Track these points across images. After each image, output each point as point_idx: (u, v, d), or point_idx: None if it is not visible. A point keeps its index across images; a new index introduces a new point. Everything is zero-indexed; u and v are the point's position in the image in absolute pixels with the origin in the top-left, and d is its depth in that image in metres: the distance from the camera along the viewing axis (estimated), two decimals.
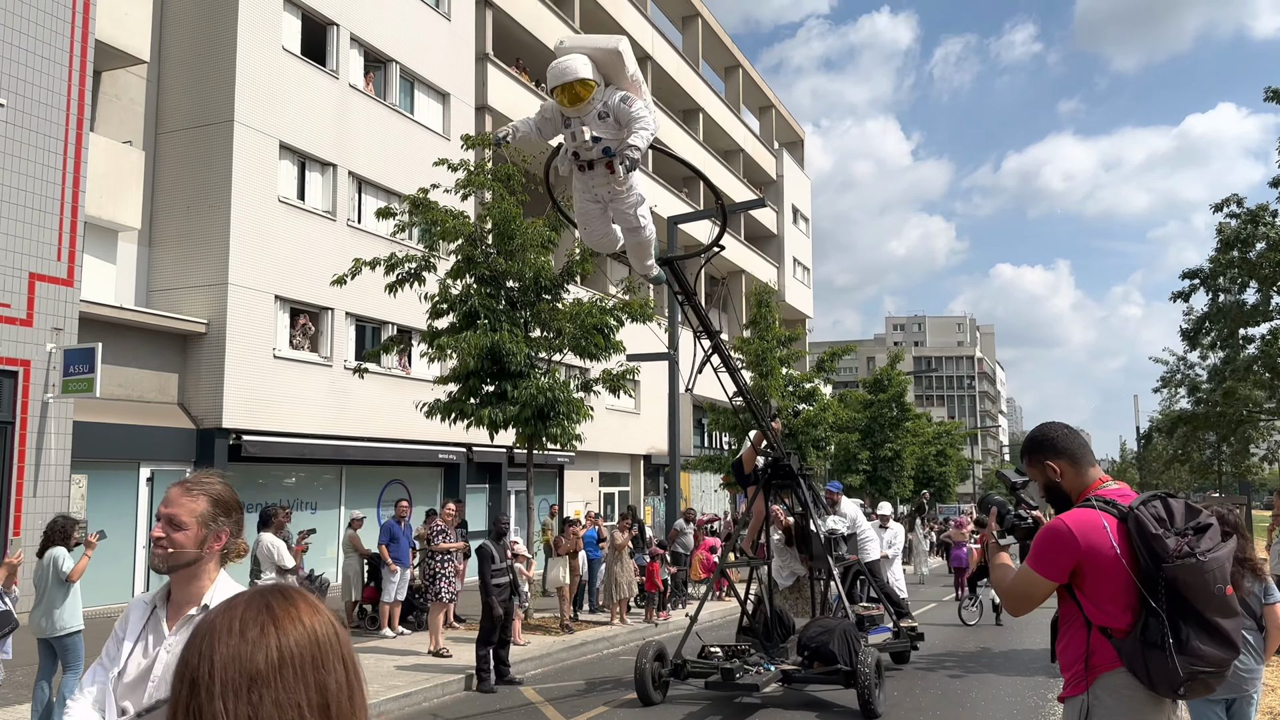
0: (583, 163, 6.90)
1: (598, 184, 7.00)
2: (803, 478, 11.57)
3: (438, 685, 10.90)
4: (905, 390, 39.56)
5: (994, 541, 3.68)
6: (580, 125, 6.74)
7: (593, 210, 7.22)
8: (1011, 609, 3.48)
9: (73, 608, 8.02)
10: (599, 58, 6.77)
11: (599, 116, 6.67)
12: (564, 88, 6.63)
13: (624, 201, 7.11)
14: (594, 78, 6.64)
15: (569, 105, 6.67)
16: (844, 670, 9.72)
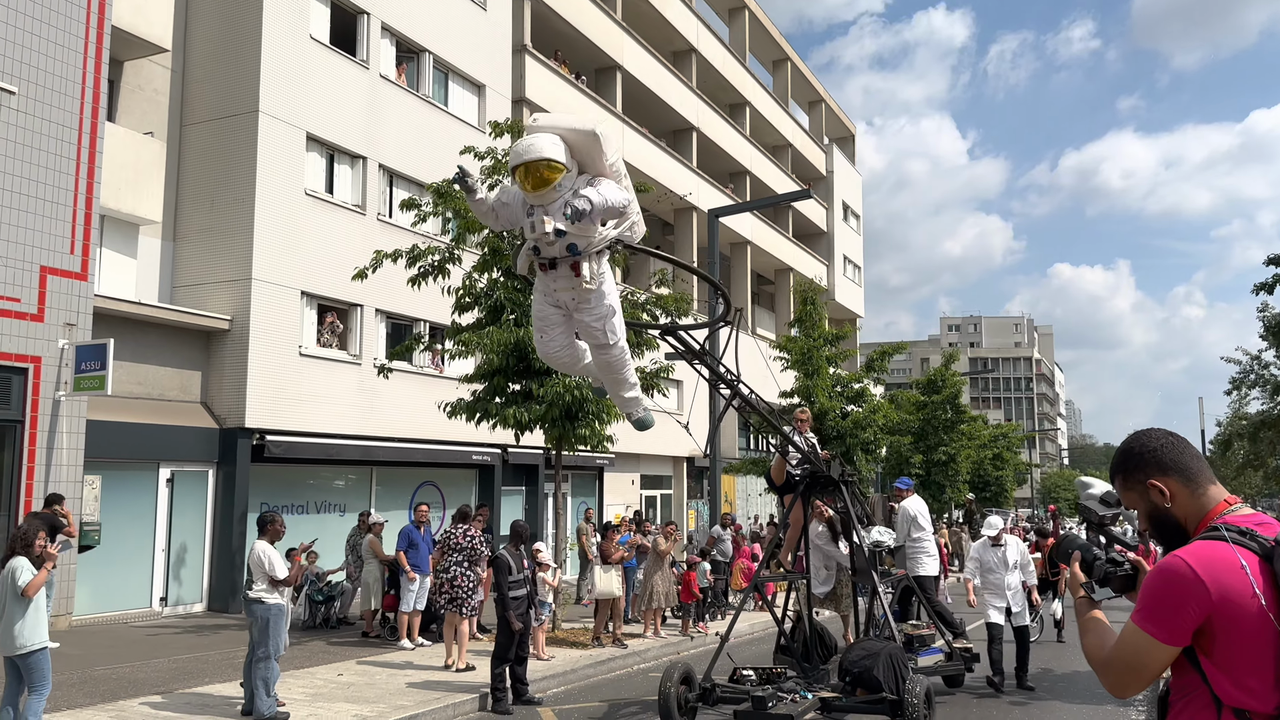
0: (544, 260, 5.81)
1: (560, 287, 5.86)
2: (845, 484, 10.61)
3: (449, 706, 10.13)
4: (960, 391, 38.14)
5: (1083, 597, 2.75)
6: (543, 215, 5.66)
7: (552, 316, 6.04)
8: (1116, 688, 2.53)
9: (34, 624, 7.35)
10: (573, 139, 5.75)
11: (565, 209, 5.63)
12: (527, 168, 5.59)
13: (591, 311, 5.88)
14: (564, 160, 5.61)
15: (531, 189, 5.61)
16: (890, 699, 8.75)
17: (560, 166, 5.63)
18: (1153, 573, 2.44)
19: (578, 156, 5.82)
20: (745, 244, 37.31)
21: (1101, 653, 2.54)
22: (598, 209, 5.67)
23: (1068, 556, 2.88)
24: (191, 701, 9.77)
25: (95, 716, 9.04)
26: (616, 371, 6.18)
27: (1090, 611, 2.70)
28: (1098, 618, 2.67)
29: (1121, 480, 2.63)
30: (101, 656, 12.12)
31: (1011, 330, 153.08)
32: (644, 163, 28.54)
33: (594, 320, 5.93)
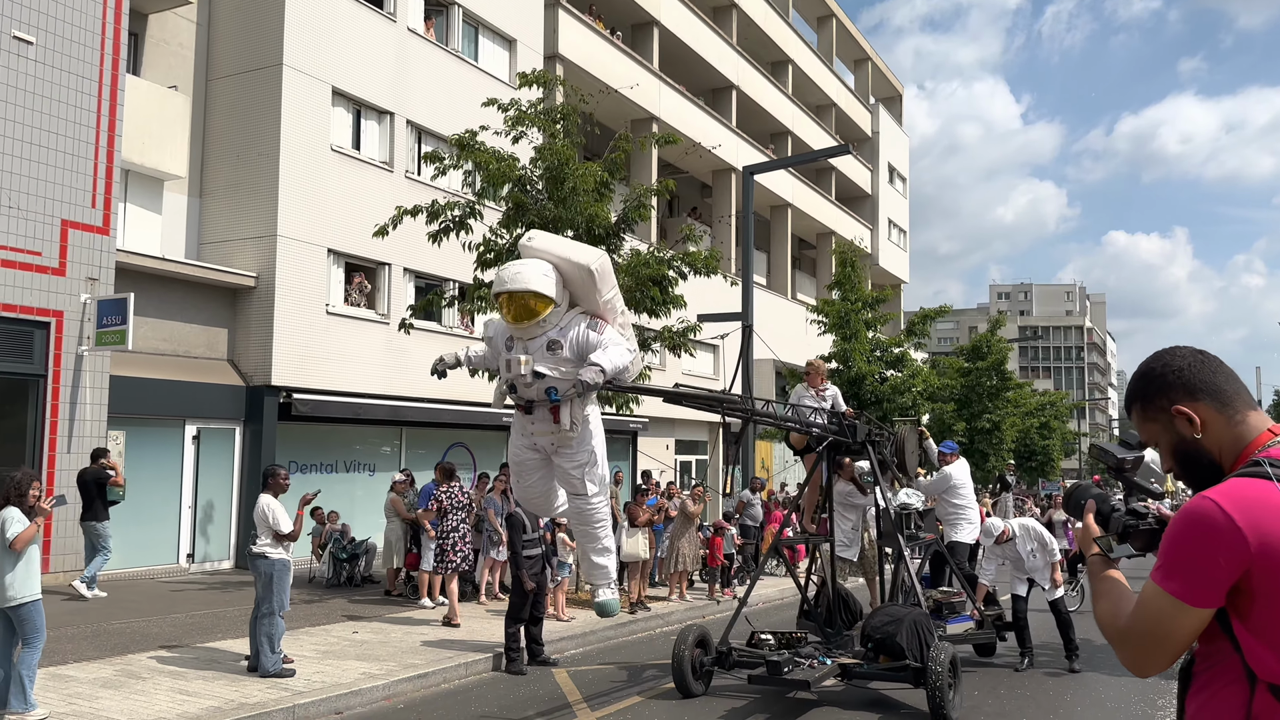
0: (521, 401, 5.33)
1: (538, 430, 5.38)
2: (872, 444, 10.14)
3: (461, 665, 9.90)
4: (1006, 357, 37.19)
5: (1096, 555, 2.28)
6: (521, 353, 5.19)
7: (529, 461, 5.54)
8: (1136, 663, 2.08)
9: (25, 575, 7.17)
10: (567, 270, 5.26)
11: (548, 347, 5.15)
12: (510, 296, 5.14)
13: (570, 458, 5.37)
14: (553, 294, 5.12)
15: (513, 320, 5.17)
16: (913, 667, 8.35)
17: (548, 300, 5.16)
18: (1177, 519, 2.01)
19: (571, 287, 5.34)
20: (786, 206, 36.55)
21: (1118, 621, 2.10)
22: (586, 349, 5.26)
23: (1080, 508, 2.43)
24: (199, 656, 9.64)
25: (100, 669, 8.94)
26: (590, 525, 5.59)
27: (1105, 572, 2.26)
28: (1114, 579, 2.23)
29: (1140, 409, 2.17)
30: (121, 611, 12.08)
31: (1063, 298, 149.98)
32: (681, 122, 27.92)
33: (573, 468, 5.42)
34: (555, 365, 5.19)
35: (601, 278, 5.36)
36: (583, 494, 5.47)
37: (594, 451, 5.47)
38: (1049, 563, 10.42)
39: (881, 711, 8.43)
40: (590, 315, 5.37)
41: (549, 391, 5.18)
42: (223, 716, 7.51)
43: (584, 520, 5.65)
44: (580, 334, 5.22)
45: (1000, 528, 10.45)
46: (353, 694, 8.58)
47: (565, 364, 5.19)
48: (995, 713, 8.48)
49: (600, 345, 5.19)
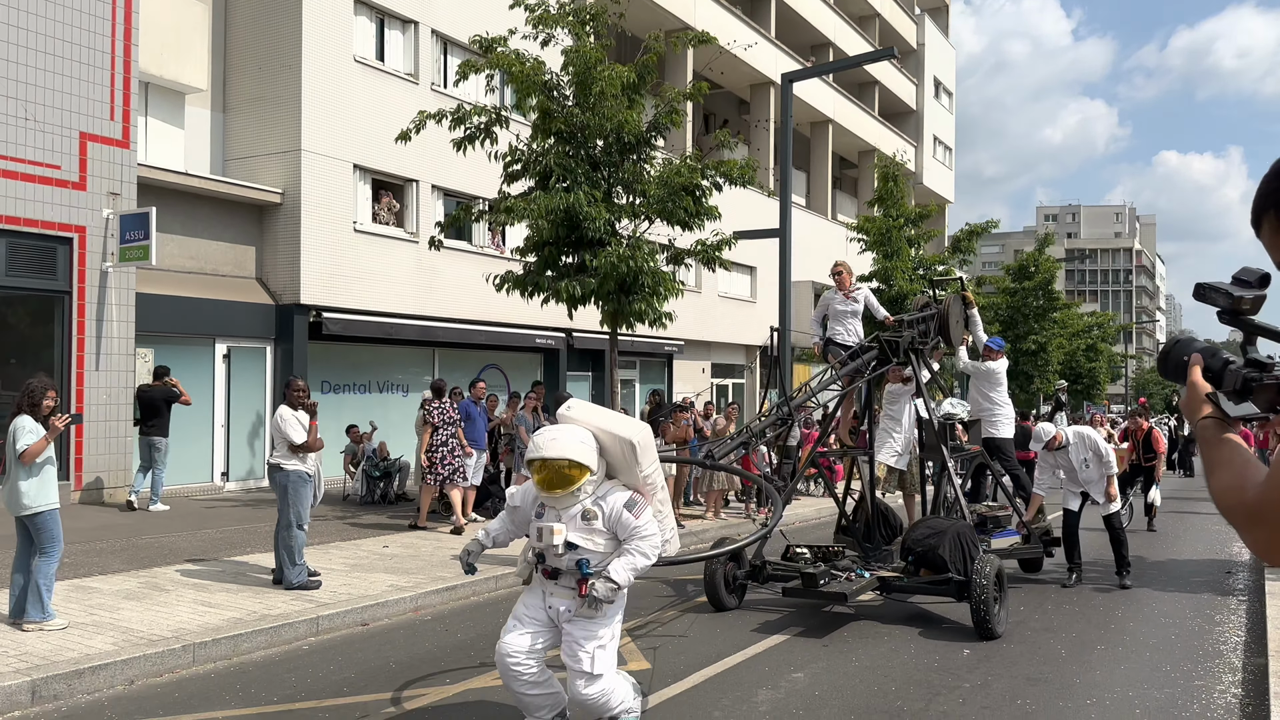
0: (548, 569, 4.99)
1: (559, 593, 5.00)
2: (915, 352, 9.66)
3: (491, 579, 9.71)
4: (1054, 277, 36.16)
5: (1209, 417, 1.79)
6: (554, 522, 4.87)
7: (536, 617, 5.06)
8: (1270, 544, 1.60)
9: (39, 485, 6.98)
10: (606, 441, 4.96)
11: (583, 516, 4.84)
12: (544, 463, 4.83)
13: (583, 628, 4.94)
14: (590, 463, 4.83)
15: (546, 489, 4.85)
16: (956, 580, 7.98)
17: (585, 469, 4.84)
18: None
19: (609, 458, 5.02)
20: (826, 123, 35.44)
21: (1245, 494, 1.60)
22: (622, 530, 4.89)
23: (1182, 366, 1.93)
24: (225, 570, 9.53)
25: (125, 582, 8.84)
26: (591, 710, 5.06)
27: (1222, 435, 1.76)
28: (1234, 443, 1.73)
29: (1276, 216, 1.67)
30: (152, 527, 12.04)
31: (1112, 220, 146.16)
32: (718, 31, 26.89)
33: (585, 638, 4.92)
34: (589, 536, 4.88)
35: (643, 451, 5.08)
36: (586, 673, 4.92)
37: (614, 629, 5.05)
38: (1104, 475, 9.93)
39: (922, 625, 8.10)
40: (629, 490, 5.05)
41: (580, 563, 4.88)
42: (243, 627, 7.35)
43: (584, 708, 5.09)
44: (615, 510, 4.91)
45: (1052, 432, 9.95)
46: (379, 606, 8.40)
47: (600, 535, 4.90)
48: (1042, 627, 8.12)
49: (629, 535, 4.90)
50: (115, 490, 13.90)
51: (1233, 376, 1.85)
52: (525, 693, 5.07)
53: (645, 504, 5.01)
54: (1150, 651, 7.39)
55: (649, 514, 4.98)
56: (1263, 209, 1.67)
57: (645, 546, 4.88)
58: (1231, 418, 1.81)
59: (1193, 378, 1.88)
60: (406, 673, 6.64)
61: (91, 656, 6.42)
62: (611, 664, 5.05)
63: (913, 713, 5.79)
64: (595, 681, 4.94)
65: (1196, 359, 1.91)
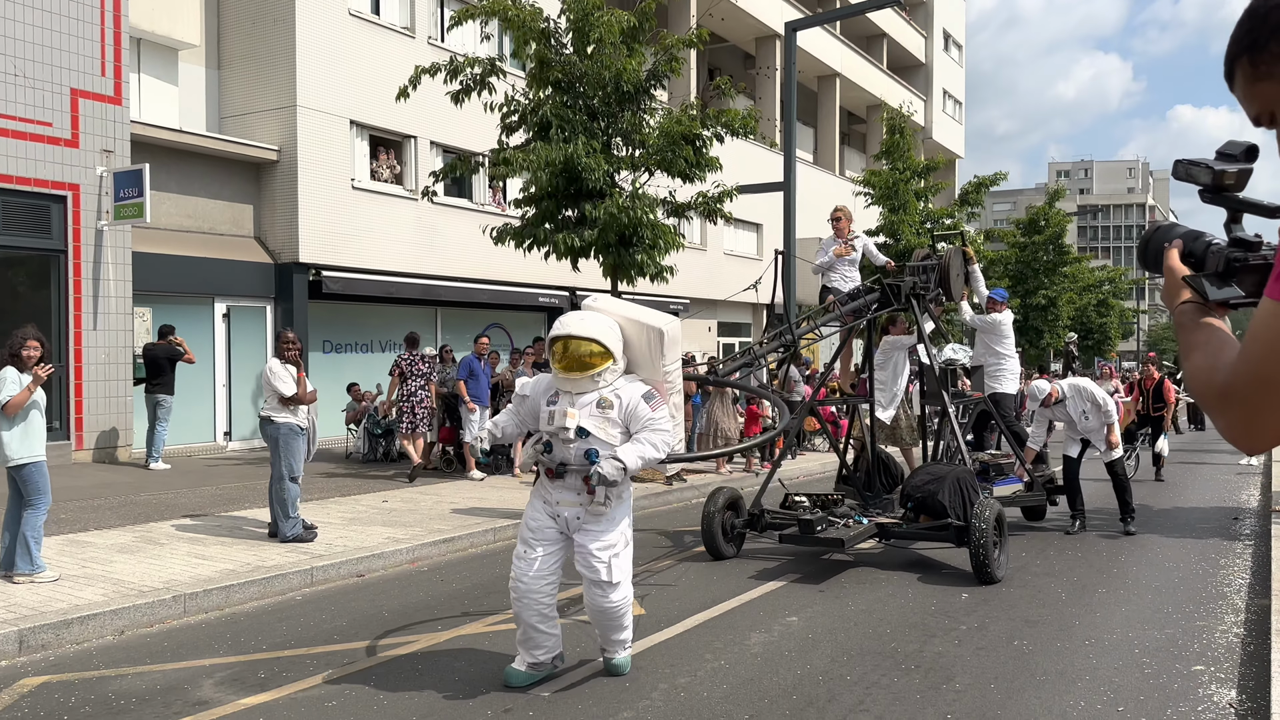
0: (554, 465, 4.80)
1: (564, 500, 4.85)
2: (916, 298, 9.50)
3: (489, 530, 9.66)
4: (1064, 231, 35.76)
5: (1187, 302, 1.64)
6: (569, 406, 4.71)
7: (545, 530, 4.93)
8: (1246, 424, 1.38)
9: (23, 436, 6.91)
10: (631, 332, 4.84)
11: (598, 404, 4.67)
12: (565, 343, 4.70)
13: (596, 537, 4.83)
14: (613, 348, 4.70)
15: (565, 369, 4.71)
16: (955, 525, 7.88)
17: (605, 350, 4.70)
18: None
19: (631, 352, 4.88)
20: (834, 76, 34.93)
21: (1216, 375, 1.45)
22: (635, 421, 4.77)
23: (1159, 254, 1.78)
24: (221, 524, 9.49)
25: (120, 536, 8.81)
26: (611, 620, 4.98)
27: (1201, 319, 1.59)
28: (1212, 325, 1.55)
29: (1249, 64, 1.51)
30: (152, 485, 12.03)
31: (1125, 175, 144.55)
32: None
33: (598, 548, 4.82)
34: (602, 425, 4.73)
35: (670, 344, 4.94)
36: (605, 582, 4.84)
37: (625, 534, 4.93)
38: (1104, 424, 9.78)
39: (922, 572, 8.01)
40: (645, 385, 4.89)
41: (589, 453, 4.71)
42: (236, 579, 7.31)
43: (604, 616, 5.00)
44: (632, 401, 4.77)
45: (1047, 389, 9.81)
46: (375, 557, 8.36)
47: (613, 426, 4.74)
48: (1044, 572, 8.02)
49: (643, 425, 4.75)
50: (118, 449, 13.89)
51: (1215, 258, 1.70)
52: (534, 624, 5.00)
53: (662, 400, 4.90)
54: (1152, 594, 7.29)
55: (665, 410, 4.87)
56: (1234, 57, 1.51)
57: (657, 439, 4.76)
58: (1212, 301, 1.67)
59: (1169, 262, 1.73)
60: (398, 620, 6.59)
61: (80, 607, 6.39)
62: (628, 571, 4.97)
63: (907, 654, 5.71)
64: (615, 589, 4.89)
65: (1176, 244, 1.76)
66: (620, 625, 5.06)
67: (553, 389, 4.91)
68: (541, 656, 5.11)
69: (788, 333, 8.73)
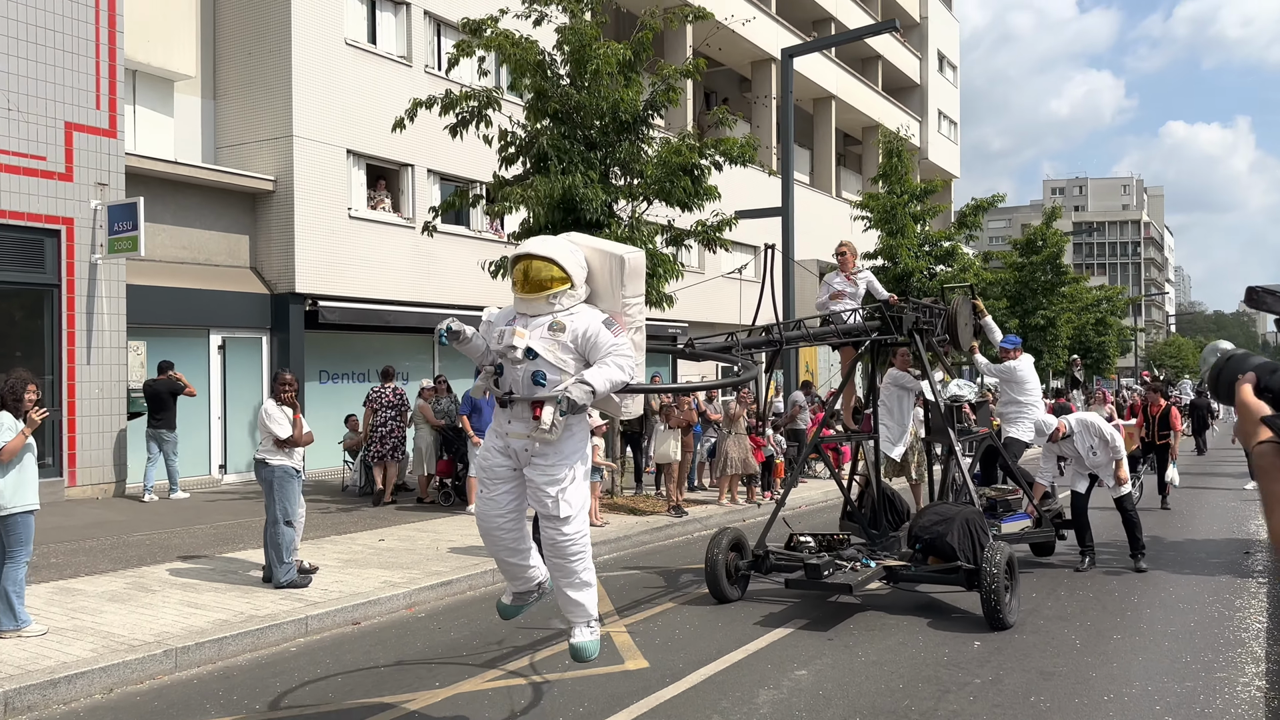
0: (505, 393, 4.64)
1: (513, 431, 4.68)
2: (919, 333, 9.36)
3: (487, 572, 9.45)
4: (1062, 251, 35.71)
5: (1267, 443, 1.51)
6: (520, 326, 4.58)
7: (499, 468, 4.80)
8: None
9: (18, 483, 6.74)
10: (596, 261, 4.77)
11: (550, 328, 4.53)
12: (526, 266, 4.62)
13: (544, 471, 4.66)
14: (571, 271, 4.60)
15: (523, 288, 4.61)
16: (965, 568, 7.72)
17: (564, 275, 4.61)
18: None
19: (594, 283, 4.79)
20: (830, 99, 34.95)
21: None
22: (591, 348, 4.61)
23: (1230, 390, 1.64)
24: (216, 567, 9.30)
25: (110, 583, 8.62)
26: (565, 559, 4.75)
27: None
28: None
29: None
30: (145, 523, 11.84)
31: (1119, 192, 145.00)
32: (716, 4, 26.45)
33: (546, 483, 4.65)
34: (552, 348, 4.57)
35: (633, 273, 4.83)
36: (555, 517, 4.65)
37: (575, 470, 4.72)
38: (1112, 459, 9.64)
39: (931, 616, 7.84)
40: (603, 314, 4.76)
41: (535, 375, 4.56)
42: (229, 630, 7.12)
43: (558, 552, 4.78)
44: (591, 328, 4.60)
45: (1054, 424, 9.67)
46: (371, 604, 8.18)
47: (564, 351, 4.58)
48: (1056, 616, 7.85)
49: (607, 351, 4.58)
50: (112, 484, 13.71)
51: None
52: (506, 559, 5.07)
53: (621, 329, 4.74)
54: (1169, 640, 7.12)
55: (626, 337, 4.71)
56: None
57: (622, 361, 4.59)
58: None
59: (1243, 397, 1.60)
60: (394, 675, 6.41)
61: (69, 664, 6.20)
62: (581, 502, 4.77)
63: (921, 712, 5.54)
64: (568, 523, 4.70)
65: (1249, 377, 1.62)
66: (574, 570, 4.80)
67: (510, 316, 4.80)
68: (523, 587, 5.22)
69: (777, 328, 8.52)
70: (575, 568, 4.80)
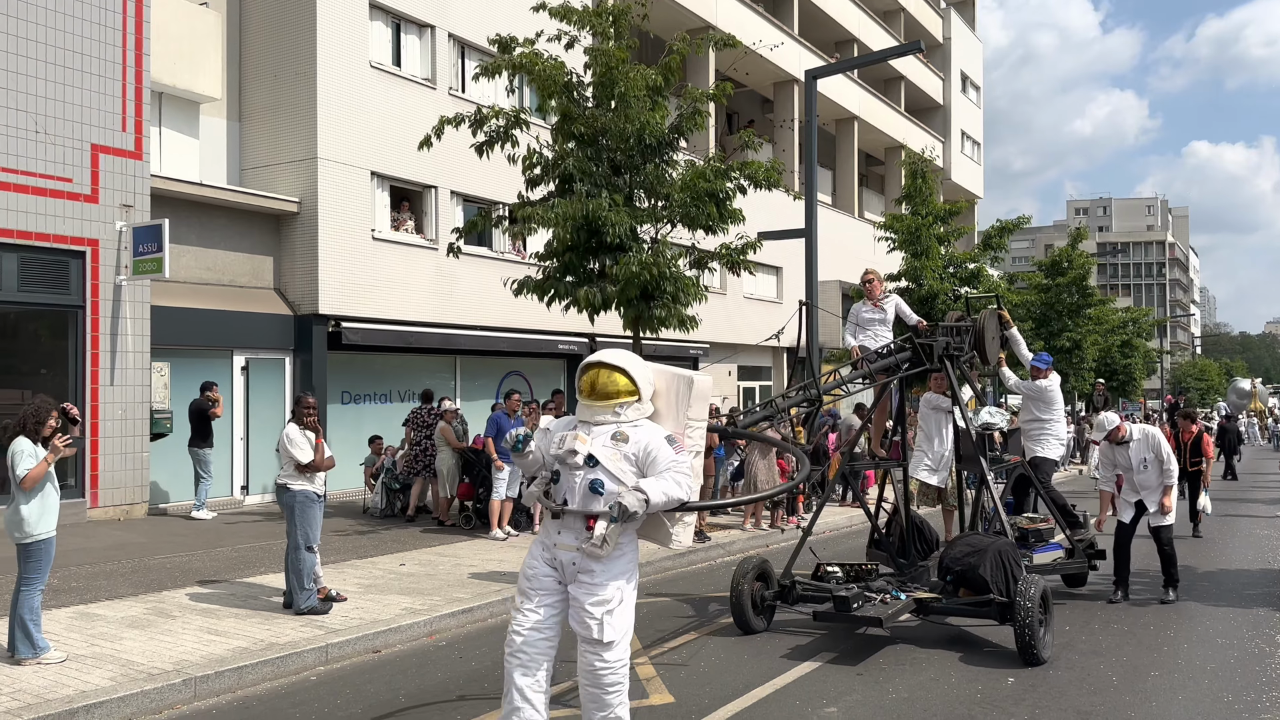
0: (557, 504, 4.55)
1: (562, 542, 4.58)
2: (950, 359, 9.22)
3: (507, 599, 9.33)
4: (1088, 273, 35.37)
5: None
6: (583, 433, 4.55)
7: (541, 578, 4.66)
8: None
9: (40, 511, 6.69)
10: (663, 383, 4.79)
11: (614, 438, 4.50)
12: (595, 373, 4.64)
13: (591, 590, 4.52)
14: (641, 386, 4.61)
15: (589, 395, 4.61)
16: (998, 601, 7.54)
17: (632, 387, 4.60)
18: None
19: (658, 402, 4.78)
20: (852, 120, 34.89)
21: None
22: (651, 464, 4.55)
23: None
24: (236, 592, 9.24)
25: (131, 608, 8.56)
26: (602, 689, 4.54)
27: None
28: None
29: None
30: (165, 546, 11.80)
31: (1143, 213, 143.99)
32: (739, 29, 26.44)
33: (592, 604, 4.49)
34: (614, 457, 4.50)
35: (699, 396, 4.81)
36: (597, 641, 4.47)
37: (624, 591, 4.57)
38: (1163, 484, 9.39)
39: (963, 650, 7.65)
40: (666, 430, 4.72)
41: (594, 483, 4.47)
42: (249, 658, 7.04)
43: (595, 680, 4.56)
44: (654, 443, 4.55)
45: (1116, 421, 9.43)
46: (392, 631, 8.08)
47: (625, 462, 4.51)
48: (1091, 651, 7.65)
49: (666, 467, 4.52)
50: (134, 506, 13.72)
51: None
52: (525, 688, 4.59)
53: (683, 447, 4.67)
54: (1208, 678, 6.91)
55: (688, 456, 4.63)
56: None
57: (681, 479, 4.49)
58: None
59: None
60: (414, 708, 6.30)
61: (87, 694, 6.13)
62: (625, 629, 4.57)
63: None
64: (609, 649, 4.47)
65: None
66: (612, 704, 4.56)
67: (574, 424, 4.72)
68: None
69: (813, 386, 8.46)
70: (611, 700, 4.57)
